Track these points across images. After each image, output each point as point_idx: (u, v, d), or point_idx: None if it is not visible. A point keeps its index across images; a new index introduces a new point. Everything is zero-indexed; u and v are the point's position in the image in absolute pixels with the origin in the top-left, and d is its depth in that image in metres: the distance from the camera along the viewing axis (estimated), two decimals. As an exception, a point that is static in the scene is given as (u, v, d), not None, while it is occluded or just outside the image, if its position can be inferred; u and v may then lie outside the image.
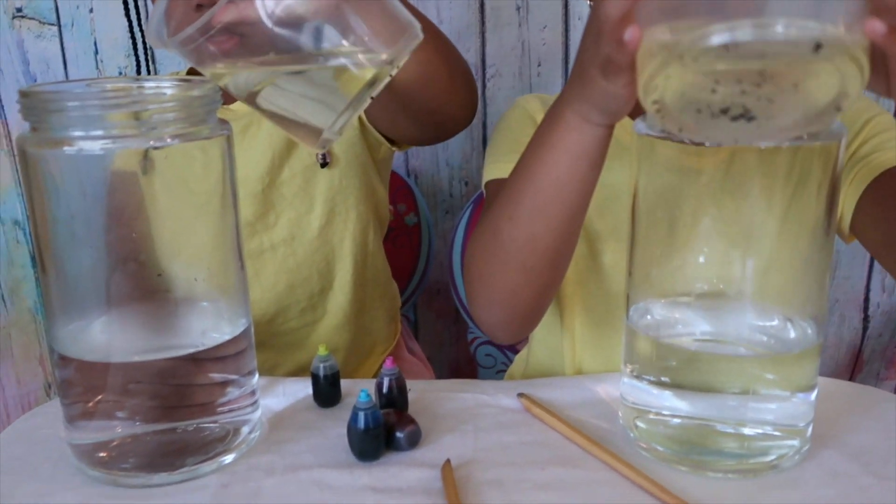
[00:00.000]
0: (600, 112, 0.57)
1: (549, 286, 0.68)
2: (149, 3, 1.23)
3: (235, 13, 0.47)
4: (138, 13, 0.83)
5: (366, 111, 0.86)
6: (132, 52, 1.29)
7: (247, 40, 0.49)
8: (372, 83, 0.49)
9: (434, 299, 1.47)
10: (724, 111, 0.46)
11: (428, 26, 0.61)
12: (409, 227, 1.22)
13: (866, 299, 1.47)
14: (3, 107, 1.35)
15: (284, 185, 0.87)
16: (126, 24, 1.28)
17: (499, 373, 1.23)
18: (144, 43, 0.84)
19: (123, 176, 0.54)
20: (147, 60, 0.87)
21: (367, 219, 0.93)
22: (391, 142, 0.90)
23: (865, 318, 1.48)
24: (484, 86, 1.34)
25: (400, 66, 0.50)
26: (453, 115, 0.75)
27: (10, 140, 1.36)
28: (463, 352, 1.51)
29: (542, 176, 0.62)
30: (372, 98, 0.50)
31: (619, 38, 0.46)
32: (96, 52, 1.32)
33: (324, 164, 0.87)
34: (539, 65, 1.33)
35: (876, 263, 1.45)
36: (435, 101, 0.71)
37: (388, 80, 0.50)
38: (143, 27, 0.85)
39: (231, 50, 0.49)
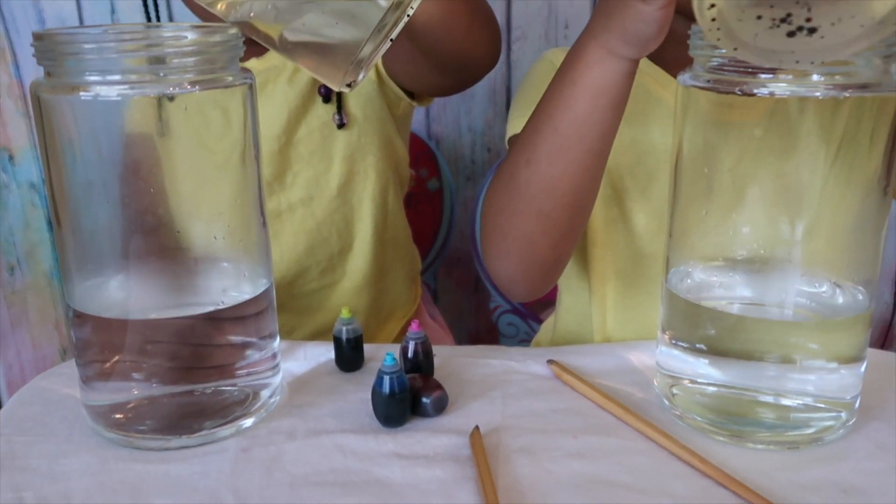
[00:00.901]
0: (627, 42, 0.54)
1: (567, 236, 0.65)
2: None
3: None
4: None
5: (385, 62, 0.83)
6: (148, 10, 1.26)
7: None
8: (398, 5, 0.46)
9: (454, 268, 1.44)
10: (784, 19, 0.44)
11: None
12: (431, 192, 1.20)
13: (898, 273, 1.44)
14: (18, 67, 1.33)
15: (301, 143, 0.85)
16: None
17: (521, 342, 1.21)
18: (156, 4, 0.82)
19: (139, 137, 0.52)
20: (158, 18, 0.84)
21: (387, 178, 0.91)
22: (411, 96, 0.87)
23: (896, 293, 1.45)
24: (509, 49, 1.30)
25: None
26: (476, 57, 0.72)
27: (26, 101, 1.34)
28: (483, 322, 1.48)
29: (562, 115, 0.59)
30: (392, 39, 0.48)
31: None
32: (112, 12, 1.30)
33: (341, 125, 0.85)
34: (566, 27, 1.29)
35: (910, 237, 1.41)
36: (456, 42, 0.68)
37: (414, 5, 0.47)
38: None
39: None
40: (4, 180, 1.37)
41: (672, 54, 0.72)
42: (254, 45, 0.53)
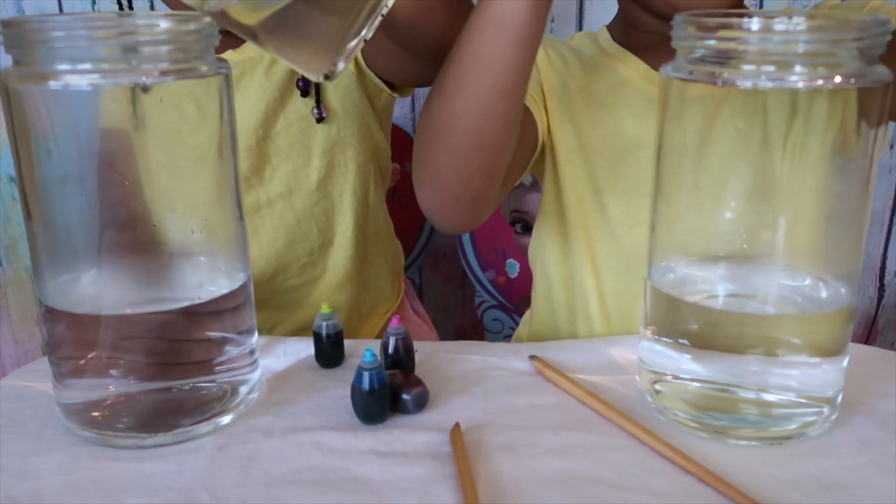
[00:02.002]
0: None
1: (478, 174, 0.64)
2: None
3: None
4: None
5: (364, 55, 0.82)
6: None
7: None
8: None
9: (440, 263, 1.44)
10: None
11: None
12: (415, 186, 1.19)
13: (882, 268, 1.44)
14: (-3, 59, 1.31)
15: (280, 136, 0.84)
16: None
17: (506, 338, 1.20)
18: None
19: (113, 130, 0.51)
20: (131, 7, 0.83)
21: (368, 171, 0.90)
22: (391, 87, 0.86)
23: (881, 287, 1.45)
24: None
25: None
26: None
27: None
28: (468, 317, 1.48)
29: (465, 47, 0.60)
30: (382, 17, 0.47)
31: None
32: (94, 1, 1.28)
33: (320, 119, 0.84)
34: (552, 20, 1.29)
35: (894, 231, 1.41)
36: (436, 34, 0.67)
37: None
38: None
39: None
40: (-17, 174, 1.36)
41: (640, 40, 0.77)
42: (230, 37, 0.52)
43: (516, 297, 1.16)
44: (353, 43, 0.47)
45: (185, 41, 0.49)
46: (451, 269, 1.44)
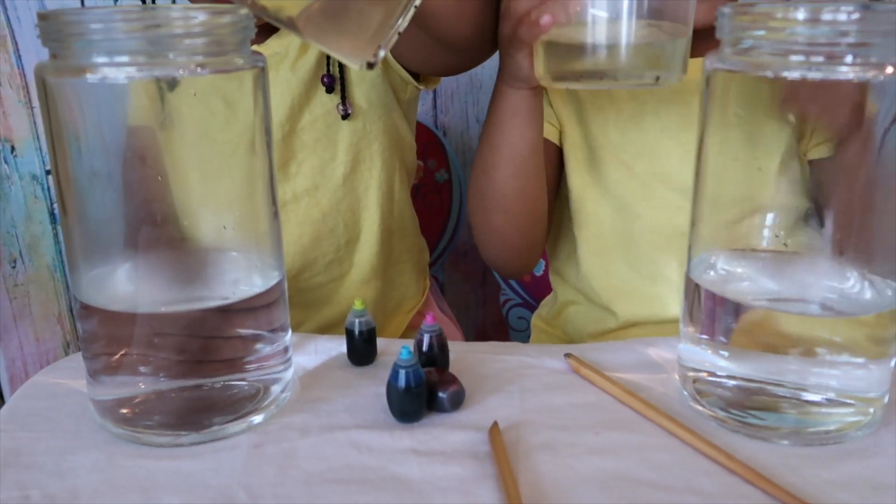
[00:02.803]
0: (516, 79, 0.71)
1: (531, 225, 0.81)
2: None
3: None
4: None
5: (394, 49, 0.82)
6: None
7: None
8: None
9: (462, 261, 1.43)
10: None
11: None
12: (439, 183, 1.18)
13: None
14: (19, 56, 1.31)
15: (305, 131, 0.83)
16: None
17: (531, 337, 1.19)
18: None
19: (144, 129, 0.51)
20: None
21: (393, 165, 0.89)
22: (416, 78, 0.85)
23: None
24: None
25: None
26: (488, 35, 0.72)
27: (28, 92, 1.33)
28: (490, 314, 1.47)
29: (493, 134, 0.77)
30: (416, 6, 0.47)
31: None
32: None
33: (345, 116, 0.83)
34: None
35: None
36: (465, 23, 0.68)
37: None
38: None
39: None
40: (6, 172, 1.36)
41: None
42: (256, 32, 0.51)
43: (542, 294, 1.14)
44: (394, 31, 0.47)
45: (221, 34, 0.49)
46: (472, 267, 1.43)
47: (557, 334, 0.93)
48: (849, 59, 0.46)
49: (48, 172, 1.36)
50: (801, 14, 0.47)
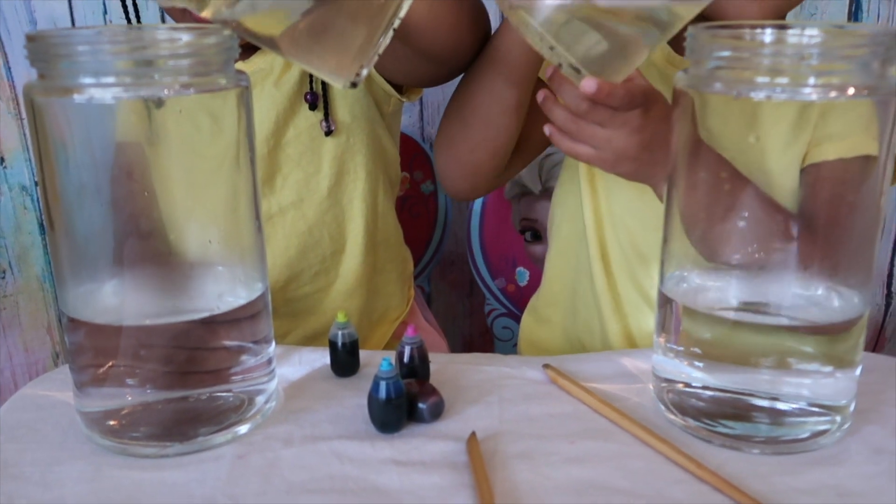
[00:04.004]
0: None
1: (481, 144, 0.78)
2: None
3: None
4: None
5: (376, 63, 0.83)
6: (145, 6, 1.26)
7: None
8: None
9: (448, 271, 1.44)
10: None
11: None
12: (425, 195, 1.20)
13: (890, 275, 1.44)
14: (9, 68, 1.32)
15: (290, 145, 0.85)
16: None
17: (516, 346, 1.20)
18: (135, 5, 0.82)
19: (131, 145, 0.52)
20: (139, 19, 0.84)
21: (377, 178, 0.91)
22: (398, 90, 0.87)
23: (888, 295, 1.45)
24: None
25: None
26: (466, 46, 0.74)
27: (18, 103, 1.33)
28: (476, 324, 1.48)
29: (488, 49, 0.75)
30: (400, 19, 0.48)
31: None
32: (105, 12, 1.29)
33: (328, 133, 0.85)
34: None
35: (902, 239, 1.42)
36: (446, 36, 0.70)
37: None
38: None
39: None
40: (-5, 183, 1.37)
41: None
42: (241, 49, 0.53)
43: (526, 305, 1.16)
44: (374, 50, 0.48)
45: (206, 54, 0.50)
46: (459, 277, 1.45)
47: (556, 320, 0.94)
48: (812, 80, 0.48)
49: (38, 183, 1.37)
50: (766, 37, 0.49)
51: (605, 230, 0.85)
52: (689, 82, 0.53)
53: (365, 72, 0.50)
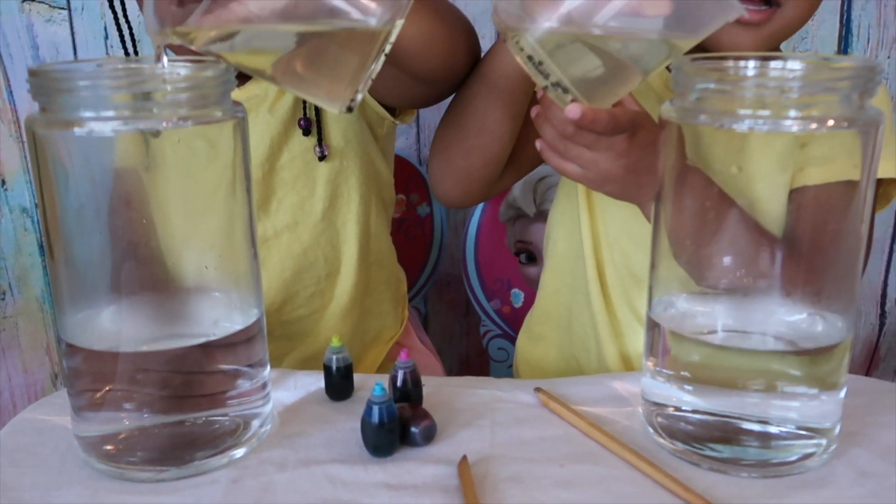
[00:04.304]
0: None
1: (475, 149, 0.80)
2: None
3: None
4: (123, 6, 0.82)
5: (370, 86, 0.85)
6: (141, 37, 1.27)
7: None
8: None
9: (445, 292, 1.45)
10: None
11: None
12: (421, 217, 1.21)
13: (883, 295, 1.45)
14: (11, 92, 1.33)
15: (284, 169, 0.86)
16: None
17: (511, 367, 1.21)
18: (132, 36, 0.83)
19: (129, 170, 0.53)
20: (136, 51, 0.86)
21: (369, 200, 0.92)
22: (392, 112, 0.88)
23: (882, 315, 1.46)
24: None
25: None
26: (459, 65, 0.76)
27: (19, 126, 1.35)
28: (473, 345, 1.49)
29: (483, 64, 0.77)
30: (386, 54, 0.49)
31: None
32: (106, 37, 1.31)
33: (322, 158, 0.86)
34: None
35: (894, 259, 1.43)
36: (437, 57, 0.72)
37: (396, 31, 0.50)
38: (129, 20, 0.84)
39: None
40: (-4, 205, 1.38)
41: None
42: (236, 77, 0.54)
43: (521, 326, 1.17)
44: (367, 75, 0.50)
45: (203, 87, 0.51)
46: (456, 297, 1.46)
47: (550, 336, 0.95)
48: (793, 112, 0.49)
49: (38, 207, 1.38)
50: (749, 70, 0.50)
51: (601, 250, 0.86)
52: (674, 113, 0.54)
53: (360, 96, 0.51)
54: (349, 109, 0.52)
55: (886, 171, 0.71)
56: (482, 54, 0.77)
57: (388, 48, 0.50)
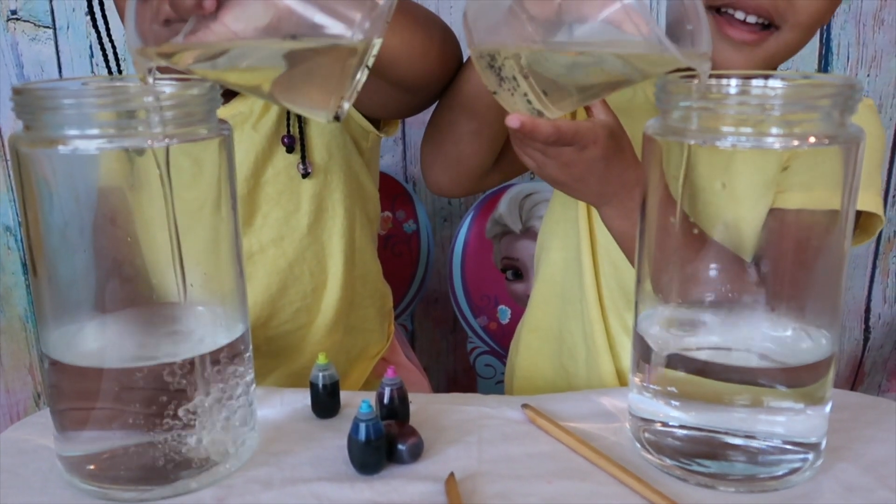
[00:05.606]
0: None
1: (465, 135, 0.80)
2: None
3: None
4: (107, 25, 0.81)
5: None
6: (126, 56, 1.27)
7: None
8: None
9: (432, 308, 1.45)
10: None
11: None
12: (407, 234, 1.21)
13: (867, 310, 1.46)
14: (-6, 110, 1.33)
15: (269, 184, 0.86)
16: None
17: (498, 383, 1.21)
18: (115, 55, 0.83)
19: (114, 188, 0.53)
20: (119, 69, 0.86)
21: (354, 214, 0.92)
22: (376, 125, 0.88)
23: (867, 330, 1.47)
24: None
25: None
26: (440, 73, 0.76)
27: (2, 144, 1.34)
28: (460, 362, 1.49)
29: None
30: (368, 66, 0.50)
31: None
32: (91, 56, 1.31)
33: (305, 175, 0.86)
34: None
35: (877, 274, 1.44)
36: (419, 66, 0.72)
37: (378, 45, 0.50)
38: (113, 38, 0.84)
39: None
40: (-21, 223, 1.37)
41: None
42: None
43: (508, 343, 1.17)
44: (353, 85, 0.50)
45: (189, 106, 0.51)
46: (442, 314, 1.45)
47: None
48: (775, 130, 0.50)
49: (21, 225, 1.37)
50: (731, 88, 0.51)
51: (599, 257, 0.86)
52: (658, 130, 0.54)
53: (346, 105, 0.51)
54: (336, 118, 0.52)
55: (866, 203, 0.72)
56: (464, 59, 0.78)
57: (370, 61, 0.51)
